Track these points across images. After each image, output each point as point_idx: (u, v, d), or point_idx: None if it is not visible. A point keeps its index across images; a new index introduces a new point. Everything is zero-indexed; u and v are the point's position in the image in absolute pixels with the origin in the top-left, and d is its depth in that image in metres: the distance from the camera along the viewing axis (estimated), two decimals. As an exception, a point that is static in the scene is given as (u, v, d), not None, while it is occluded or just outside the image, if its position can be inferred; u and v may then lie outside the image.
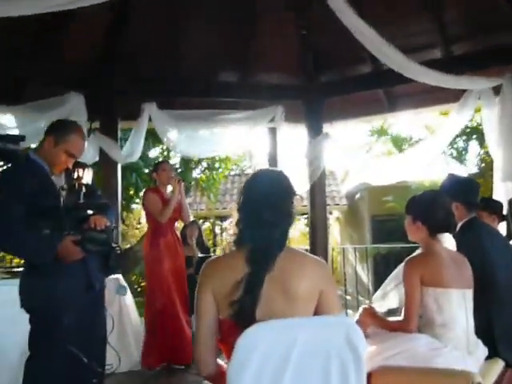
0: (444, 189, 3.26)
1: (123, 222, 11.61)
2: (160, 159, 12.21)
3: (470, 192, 3.27)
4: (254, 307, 1.76)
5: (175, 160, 11.34)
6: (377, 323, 2.74)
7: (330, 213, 16.47)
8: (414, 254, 2.77)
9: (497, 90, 5.35)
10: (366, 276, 12.49)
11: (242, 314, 1.75)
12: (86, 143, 5.62)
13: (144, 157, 7.81)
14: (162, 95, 6.18)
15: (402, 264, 2.81)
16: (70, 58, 5.60)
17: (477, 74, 5.47)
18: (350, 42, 4.90)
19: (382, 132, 14.20)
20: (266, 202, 1.88)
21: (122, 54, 5.96)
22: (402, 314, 2.60)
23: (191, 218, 6.06)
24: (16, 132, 5.21)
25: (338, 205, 14.63)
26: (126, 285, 4.92)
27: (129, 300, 4.94)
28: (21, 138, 2.37)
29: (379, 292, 3.22)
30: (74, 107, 5.49)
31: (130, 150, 6.02)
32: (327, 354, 1.61)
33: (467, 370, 2.39)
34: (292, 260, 1.87)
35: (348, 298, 9.81)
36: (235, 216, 1.95)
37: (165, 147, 10.63)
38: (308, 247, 6.87)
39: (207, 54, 6.17)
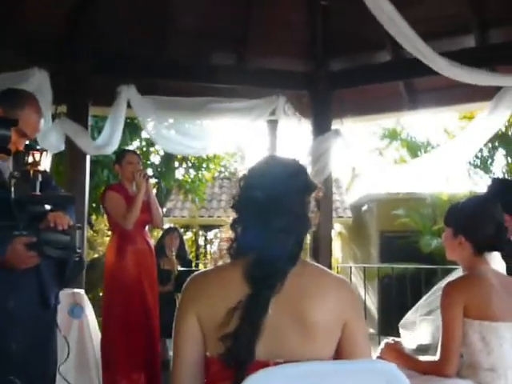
0: (489, 197, 2.98)
1: (91, 227, 11.25)
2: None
3: None
4: (254, 343, 1.45)
5: (156, 158, 11.03)
6: (404, 363, 2.44)
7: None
8: (456, 277, 2.47)
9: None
10: (370, 301, 12.22)
11: (237, 352, 1.44)
12: (50, 129, 5.48)
13: (119, 151, 7.44)
14: (142, 78, 5.89)
15: (435, 288, 2.53)
16: (32, 28, 5.29)
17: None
18: (367, 24, 4.69)
19: (393, 135, 13.95)
20: (276, 200, 1.58)
21: (97, 28, 5.66)
22: (438, 352, 2.32)
23: (169, 224, 5.73)
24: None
25: (341, 217, 14.34)
26: (83, 304, 4.52)
27: (92, 321, 4.59)
28: (13, 122, 2.05)
29: (405, 321, 2.92)
30: (37, 86, 5.18)
31: (106, 139, 5.72)
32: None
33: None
34: (308, 278, 1.57)
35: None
36: (230, 215, 1.65)
37: (144, 143, 10.32)
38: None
39: (198, 32, 5.91)
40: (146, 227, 4.90)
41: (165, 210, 12.11)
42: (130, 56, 5.80)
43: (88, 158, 5.78)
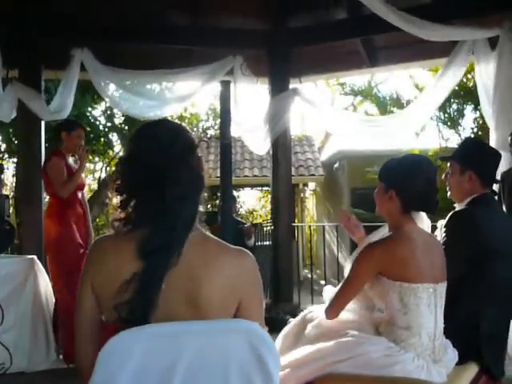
0: (458, 153, 3.05)
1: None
2: (103, 118, 11.64)
3: (490, 162, 3.04)
4: (148, 315, 1.44)
5: (119, 120, 10.89)
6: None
7: (306, 185, 16.30)
8: (380, 239, 2.46)
9: (493, 43, 5.14)
10: (342, 256, 12.36)
11: (131, 322, 1.42)
12: (1, 96, 5.41)
13: (80, 115, 7.36)
14: (96, 40, 5.83)
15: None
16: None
17: (470, 22, 5.26)
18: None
19: (366, 93, 13.92)
20: (160, 173, 1.54)
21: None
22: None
23: None
24: None
25: (313, 175, 14.36)
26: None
27: (44, 282, 4.65)
28: None
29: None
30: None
31: (58, 104, 5.68)
32: (225, 370, 1.37)
33: (430, 381, 2.21)
34: (202, 257, 1.54)
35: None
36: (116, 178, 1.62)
37: (108, 105, 10.23)
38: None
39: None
40: (80, 194, 4.95)
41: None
42: (82, 19, 5.73)
43: (43, 123, 5.75)
